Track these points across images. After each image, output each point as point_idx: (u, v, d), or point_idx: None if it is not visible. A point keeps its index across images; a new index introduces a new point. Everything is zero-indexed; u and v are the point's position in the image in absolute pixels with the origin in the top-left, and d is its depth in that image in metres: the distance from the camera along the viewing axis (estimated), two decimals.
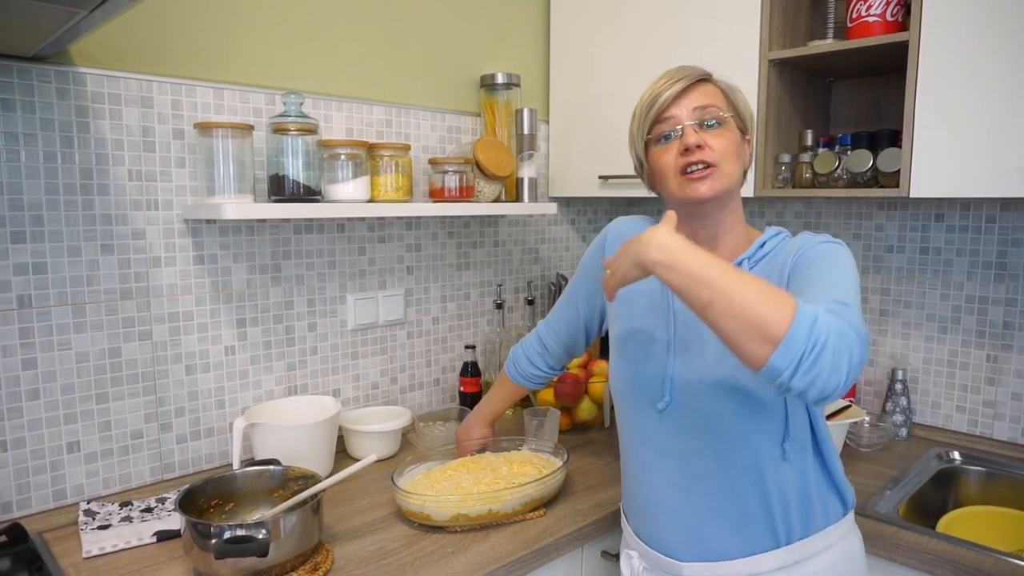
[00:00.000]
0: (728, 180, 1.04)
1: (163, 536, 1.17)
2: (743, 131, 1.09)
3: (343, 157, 1.41)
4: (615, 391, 1.16)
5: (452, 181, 1.58)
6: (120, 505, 1.27)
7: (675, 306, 1.07)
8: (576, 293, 1.31)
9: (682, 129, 1.04)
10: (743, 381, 0.98)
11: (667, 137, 1.05)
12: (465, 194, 1.60)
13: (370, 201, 1.47)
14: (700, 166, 1.02)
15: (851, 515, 1.09)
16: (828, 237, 1.02)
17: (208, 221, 1.41)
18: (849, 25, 1.47)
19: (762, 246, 1.06)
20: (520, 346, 1.44)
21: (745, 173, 1.11)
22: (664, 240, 0.85)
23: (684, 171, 1.03)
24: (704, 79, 1.07)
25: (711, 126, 1.03)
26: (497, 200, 1.72)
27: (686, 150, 1.02)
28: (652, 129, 1.07)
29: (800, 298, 0.83)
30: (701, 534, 1.04)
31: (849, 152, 1.51)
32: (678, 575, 1.06)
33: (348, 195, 1.42)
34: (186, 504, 1.08)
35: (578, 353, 1.39)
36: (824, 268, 0.94)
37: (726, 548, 1.02)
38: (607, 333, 1.26)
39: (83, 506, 1.25)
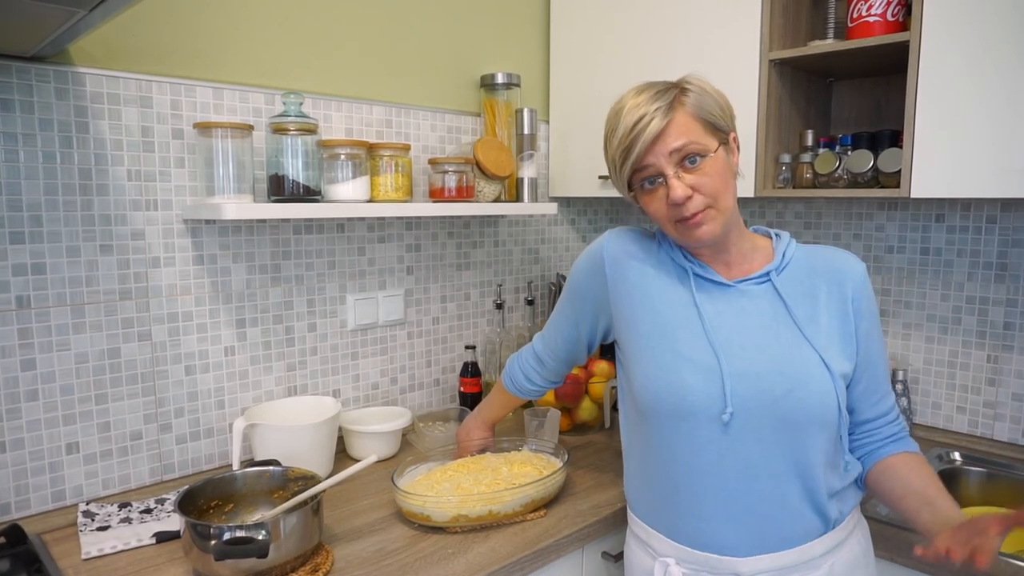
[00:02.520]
0: (725, 214, 1.01)
1: (162, 537, 1.17)
2: (724, 140, 1.03)
3: (343, 157, 1.41)
4: (648, 406, 1.05)
5: (452, 181, 1.58)
6: (119, 506, 1.27)
7: (703, 310, 1.04)
8: (577, 314, 1.22)
9: (665, 179, 0.99)
10: (796, 369, 0.99)
11: (651, 181, 1.02)
12: (465, 194, 1.59)
13: (370, 201, 1.47)
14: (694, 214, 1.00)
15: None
16: (858, 262, 1.07)
17: (207, 221, 1.41)
18: (850, 25, 1.47)
19: (783, 255, 1.08)
20: (516, 360, 1.39)
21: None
22: None
23: (679, 220, 1.01)
24: (674, 107, 0.99)
25: (693, 163, 0.99)
26: (497, 200, 1.71)
27: (675, 204, 0.99)
28: (632, 180, 1.04)
29: (883, 406, 1.07)
30: (760, 529, 1.02)
31: (850, 152, 1.51)
32: (735, 572, 1.02)
33: (348, 195, 1.42)
34: (186, 505, 1.08)
35: (579, 364, 1.35)
36: (881, 354, 1.07)
37: (784, 539, 1.02)
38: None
39: (82, 507, 1.25)
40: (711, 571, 1.04)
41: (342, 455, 1.54)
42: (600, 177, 1.86)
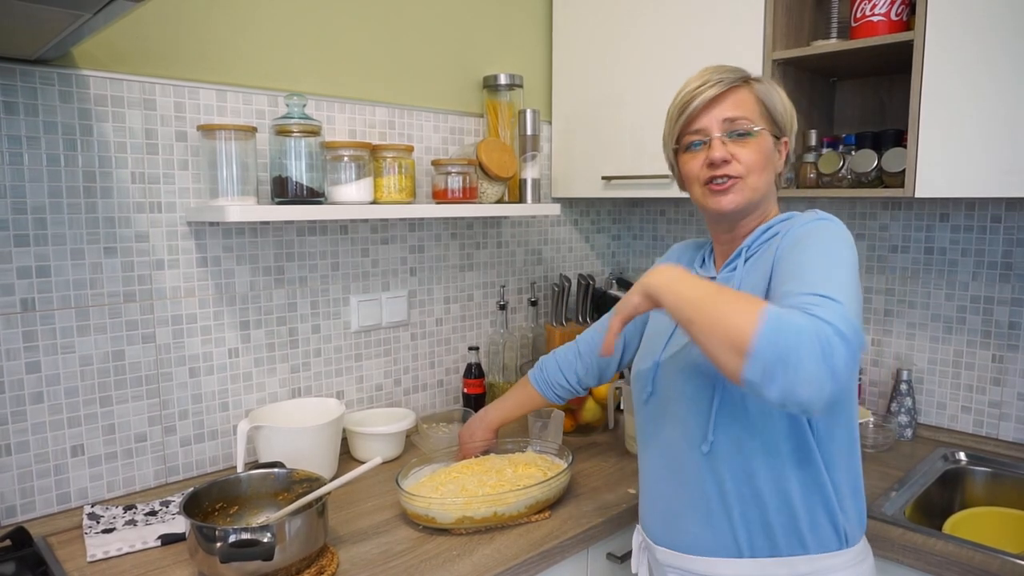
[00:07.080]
0: (752, 192, 1.03)
1: (167, 540, 1.17)
2: (778, 135, 1.07)
3: (346, 159, 1.41)
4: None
5: (455, 182, 1.57)
6: (124, 509, 1.27)
7: None
8: None
9: (709, 141, 1.03)
10: (705, 365, 0.99)
11: (696, 145, 1.05)
12: (468, 195, 1.59)
13: (373, 203, 1.46)
14: (724, 180, 1.02)
15: (851, 551, 0.99)
16: (818, 214, 0.99)
17: (211, 223, 1.41)
18: (853, 25, 1.47)
19: (766, 231, 1.05)
20: (552, 354, 1.43)
21: (781, 176, 1.11)
22: (664, 269, 0.92)
23: (708, 182, 1.04)
24: (738, 84, 1.04)
25: (740, 136, 1.02)
26: (500, 201, 1.71)
27: (711, 163, 1.02)
28: (681, 137, 1.07)
29: (780, 293, 0.85)
30: (673, 523, 1.06)
31: (853, 152, 1.51)
32: (653, 556, 1.11)
33: (351, 197, 1.42)
34: (191, 507, 1.08)
35: (608, 375, 1.38)
36: (806, 254, 0.90)
37: (693, 542, 1.03)
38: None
39: (87, 510, 1.25)
40: (646, 548, 1.13)
41: (346, 457, 1.54)
42: (603, 178, 1.86)
